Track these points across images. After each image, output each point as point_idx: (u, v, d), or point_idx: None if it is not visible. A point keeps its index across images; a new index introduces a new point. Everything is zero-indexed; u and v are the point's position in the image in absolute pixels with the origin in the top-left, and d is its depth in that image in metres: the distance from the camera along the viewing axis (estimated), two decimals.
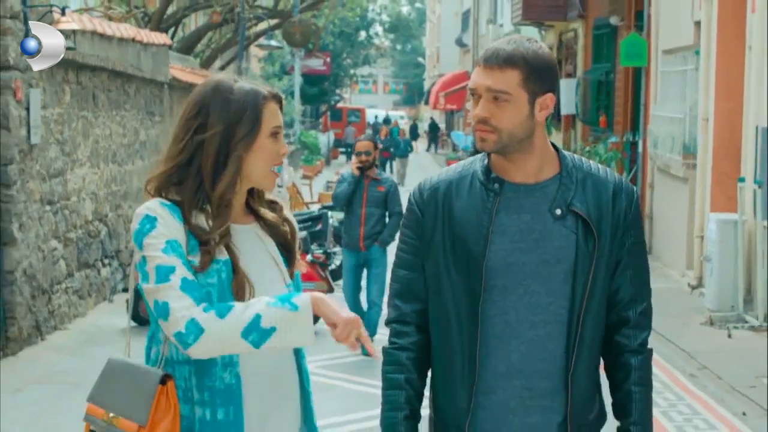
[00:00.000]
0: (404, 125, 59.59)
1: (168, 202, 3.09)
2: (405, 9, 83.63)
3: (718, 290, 11.89)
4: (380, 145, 38.82)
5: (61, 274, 11.13)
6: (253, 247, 3.19)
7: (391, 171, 36.96)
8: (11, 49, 9.61)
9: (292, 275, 3.27)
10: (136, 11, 17.95)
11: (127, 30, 13.67)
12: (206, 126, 3.10)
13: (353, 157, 10.71)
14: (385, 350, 3.35)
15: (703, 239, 13.12)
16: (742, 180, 12.01)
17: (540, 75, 3.18)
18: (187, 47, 22.00)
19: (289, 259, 3.27)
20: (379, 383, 3.32)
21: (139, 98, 14.72)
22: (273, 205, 3.32)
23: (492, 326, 3.21)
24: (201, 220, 3.10)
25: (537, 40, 3.24)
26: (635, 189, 3.32)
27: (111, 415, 3.07)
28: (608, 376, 3.34)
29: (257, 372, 3.11)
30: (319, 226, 14.42)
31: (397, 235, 10.51)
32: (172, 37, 20.74)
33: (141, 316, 10.78)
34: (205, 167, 3.11)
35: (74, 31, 10.33)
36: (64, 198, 11.22)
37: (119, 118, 13.58)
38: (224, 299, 3.06)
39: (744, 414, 8.33)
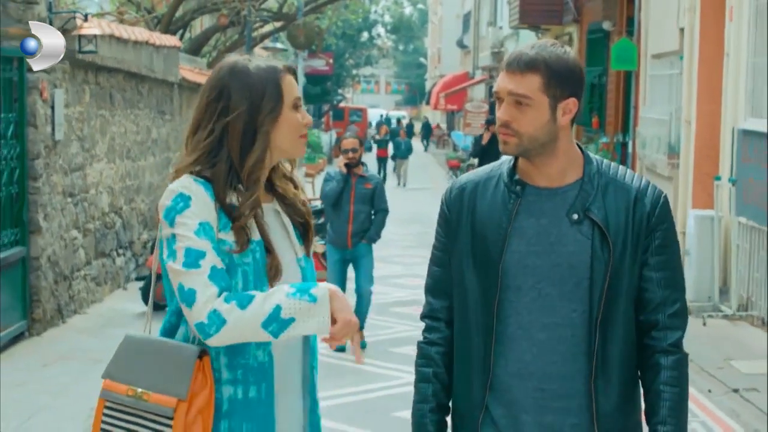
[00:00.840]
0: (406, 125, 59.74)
1: (201, 179, 3.10)
2: (408, 10, 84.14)
3: (696, 282, 12.61)
4: (376, 140, 39.55)
5: (80, 262, 11.92)
6: (273, 225, 3.22)
7: (383, 171, 35.69)
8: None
9: (308, 253, 3.29)
10: (147, 15, 18.67)
11: (141, 33, 14.46)
12: (229, 108, 3.12)
13: (339, 156, 10.70)
14: (418, 344, 3.44)
15: (685, 235, 13.90)
16: (719, 178, 12.78)
17: (562, 79, 3.20)
18: (194, 48, 22.77)
19: (305, 237, 3.30)
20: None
21: (152, 98, 15.48)
22: (293, 183, 3.35)
23: (507, 326, 3.26)
24: (233, 199, 3.12)
25: (562, 45, 3.28)
26: (662, 193, 3.32)
27: (140, 390, 3.06)
28: (641, 380, 3.33)
29: (285, 350, 3.16)
30: (321, 220, 15.16)
31: (383, 232, 10.69)
32: (181, 39, 21.48)
33: (157, 302, 11.61)
34: (233, 147, 3.13)
35: (95, 36, 11.09)
36: (83, 191, 12.01)
37: (133, 117, 14.36)
38: (260, 279, 3.10)
39: (709, 391, 9.10)
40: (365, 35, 55.41)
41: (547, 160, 3.25)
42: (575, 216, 3.22)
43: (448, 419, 3.41)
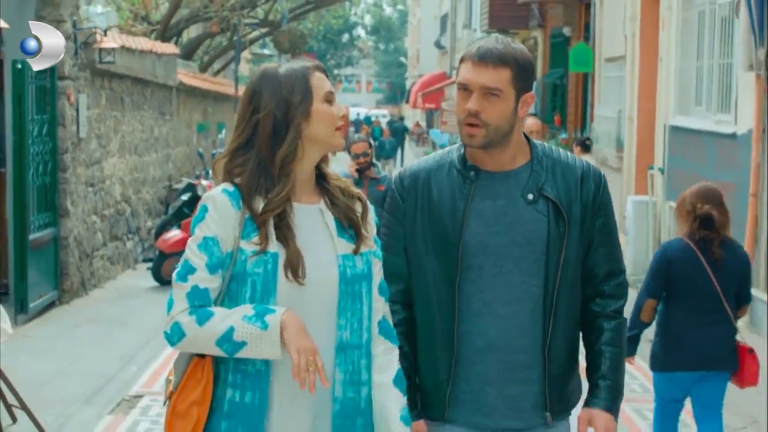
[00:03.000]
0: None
1: (232, 188, 3.19)
2: (388, 10, 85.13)
3: (633, 258, 14.43)
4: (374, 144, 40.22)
5: (98, 243, 13.77)
6: (314, 226, 3.24)
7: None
8: (66, 63, 12.20)
9: (357, 250, 3.27)
10: (147, 27, 20.52)
11: (145, 43, 16.32)
12: (260, 107, 3.19)
13: (350, 160, 10.40)
14: None
15: (625, 218, 15.78)
16: (652, 168, 14.69)
17: (525, 74, 3.35)
18: (187, 53, 24.57)
19: (355, 235, 3.29)
20: None
21: (154, 100, 17.30)
22: (341, 183, 3.39)
23: (470, 304, 3.35)
24: (260, 205, 3.18)
25: (517, 42, 3.42)
26: (602, 174, 3.49)
27: (170, 377, 3.26)
28: (583, 341, 3.53)
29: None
30: None
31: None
32: (175, 45, 23.32)
33: (163, 276, 13.49)
34: (263, 144, 3.18)
35: (113, 49, 12.94)
36: (100, 182, 13.85)
37: (139, 117, 16.19)
38: (267, 291, 3.13)
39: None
40: (346, 37, 56.98)
41: (502, 148, 3.37)
42: (530, 196, 3.35)
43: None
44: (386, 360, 3.31)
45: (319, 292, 3.19)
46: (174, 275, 3.17)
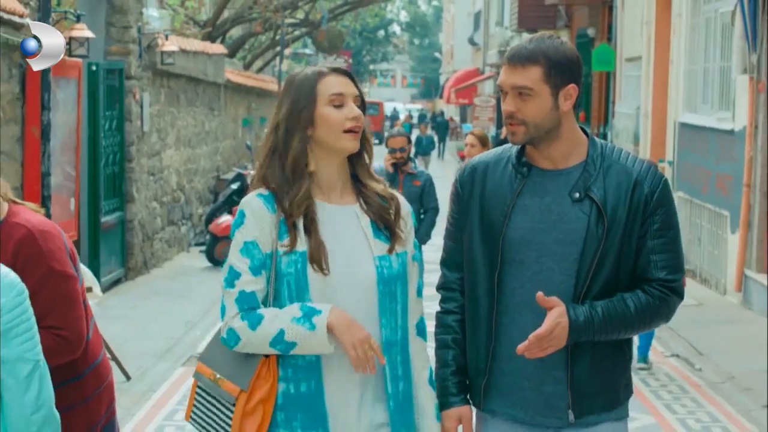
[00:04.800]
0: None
1: (266, 193, 3.30)
2: (423, 7, 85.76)
3: None
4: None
5: (158, 227, 15.24)
6: (348, 226, 3.33)
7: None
8: (132, 65, 13.65)
9: (391, 250, 3.34)
10: (199, 31, 21.98)
11: (197, 44, 17.77)
12: (280, 114, 3.33)
13: (386, 154, 10.23)
14: (436, 314, 3.58)
15: None
16: (662, 161, 15.97)
17: (561, 68, 3.30)
18: (231, 52, 26.01)
19: (390, 235, 3.35)
20: None
21: (204, 97, 18.74)
22: (378, 184, 3.43)
23: (512, 298, 3.38)
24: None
25: (558, 37, 3.40)
26: (662, 178, 3.40)
27: (218, 376, 3.30)
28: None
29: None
30: None
31: (433, 232, 10.24)
32: (220, 43, 24.75)
33: (216, 258, 14.93)
34: (279, 146, 3.31)
35: (173, 51, 14.37)
36: (159, 171, 15.31)
37: (192, 113, 17.64)
38: (300, 290, 3.25)
39: None
40: (381, 33, 58.07)
41: (551, 144, 3.37)
42: (576, 195, 3.33)
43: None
44: (422, 359, 3.46)
45: (356, 290, 3.28)
46: (222, 282, 3.29)
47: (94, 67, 12.42)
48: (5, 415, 2.90)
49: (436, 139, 44.29)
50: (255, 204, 3.28)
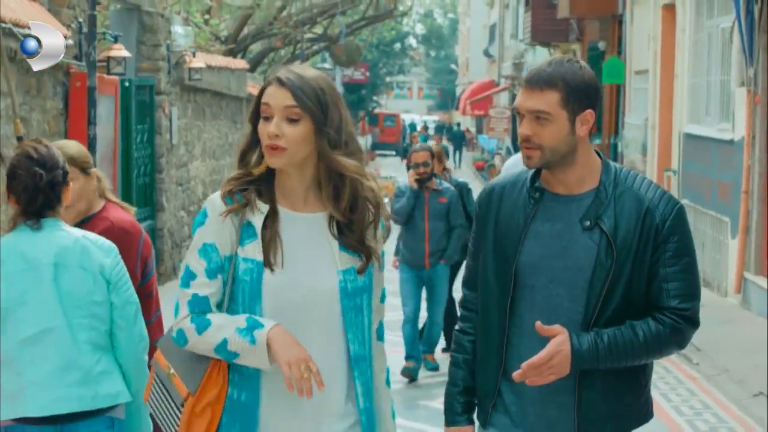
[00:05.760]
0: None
1: (237, 194, 3.22)
2: (439, 19, 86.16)
3: None
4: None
5: (185, 235, 16.00)
6: (311, 235, 3.23)
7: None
8: (162, 80, 14.41)
9: (362, 269, 3.25)
10: (223, 46, 22.77)
11: (221, 60, 18.55)
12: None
13: (410, 170, 9.72)
14: (454, 332, 3.64)
15: None
16: (667, 170, 16.65)
17: (579, 94, 3.26)
18: (252, 66, 26.81)
19: (360, 246, 3.24)
20: None
21: (228, 111, 19.51)
22: (361, 203, 3.26)
23: (523, 321, 3.37)
24: (251, 213, 3.23)
25: (578, 60, 3.36)
26: (676, 205, 3.35)
27: (171, 370, 3.29)
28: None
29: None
30: None
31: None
32: (241, 58, 25.54)
33: None
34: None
35: (201, 68, 15.13)
36: (187, 182, 16.08)
37: (217, 126, 18.42)
38: (253, 299, 3.19)
39: None
40: (398, 46, 58.69)
41: (566, 169, 3.35)
42: (587, 223, 3.32)
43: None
44: (380, 362, 3.41)
45: (316, 303, 3.21)
46: (179, 278, 3.29)
47: (126, 84, 13.16)
48: (118, 347, 4.02)
49: (451, 150, 44.82)
50: (218, 204, 3.23)
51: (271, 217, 3.21)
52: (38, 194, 3.96)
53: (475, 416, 3.57)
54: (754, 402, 8.80)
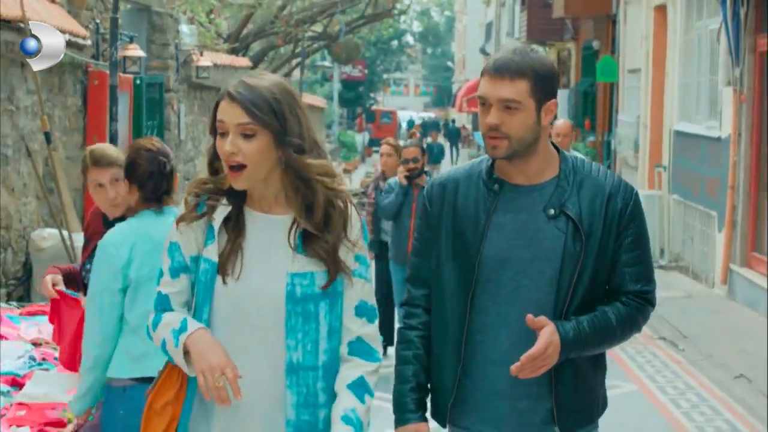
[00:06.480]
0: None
1: (204, 195, 3.18)
2: (436, 16, 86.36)
3: None
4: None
5: None
6: (273, 237, 3.15)
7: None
8: (171, 78, 14.94)
9: (328, 283, 3.11)
10: (227, 45, 23.31)
11: (225, 58, 19.09)
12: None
13: (400, 166, 9.71)
14: (398, 330, 3.54)
15: None
16: (658, 167, 17.18)
17: (546, 83, 3.24)
18: (253, 64, 27.31)
19: (324, 251, 3.11)
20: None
21: None
22: (336, 218, 3.14)
23: (486, 316, 3.32)
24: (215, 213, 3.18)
25: (538, 49, 3.40)
26: (633, 191, 3.36)
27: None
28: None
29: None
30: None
31: None
32: (243, 56, 26.06)
33: None
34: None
35: (208, 66, 15.67)
36: (194, 177, 16.58)
37: None
38: (204, 299, 3.13)
39: None
40: (395, 43, 59.03)
41: (528, 159, 3.31)
42: (551, 211, 3.28)
43: (428, 401, 3.49)
44: (347, 373, 3.18)
45: (258, 306, 3.11)
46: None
47: (138, 81, 13.67)
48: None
49: (447, 146, 45.34)
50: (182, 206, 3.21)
51: (234, 219, 3.14)
52: (162, 180, 4.42)
53: (428, 415, 3.49)
54: (735, 384, 9.31)
